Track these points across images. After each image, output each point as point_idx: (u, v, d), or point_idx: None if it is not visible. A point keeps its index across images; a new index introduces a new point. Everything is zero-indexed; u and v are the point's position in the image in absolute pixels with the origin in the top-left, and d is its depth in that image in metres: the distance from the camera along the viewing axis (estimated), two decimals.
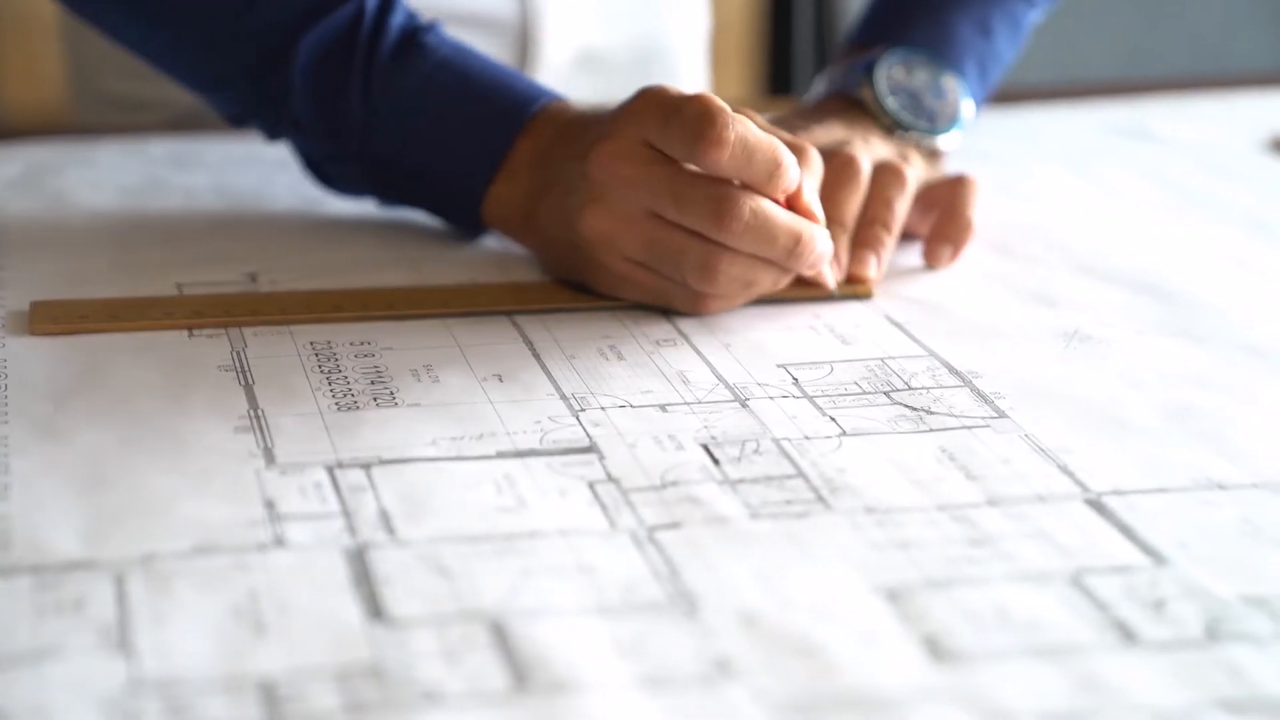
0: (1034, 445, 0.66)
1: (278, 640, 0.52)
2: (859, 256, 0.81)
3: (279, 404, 0.68)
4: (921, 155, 0.89)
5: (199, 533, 0.58)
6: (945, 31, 0.92)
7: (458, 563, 0.57)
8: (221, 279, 0.81)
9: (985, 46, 0.93)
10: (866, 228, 0.82)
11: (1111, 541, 0.59)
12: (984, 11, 0.93)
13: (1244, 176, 1.01)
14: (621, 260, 0.75)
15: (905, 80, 0.89)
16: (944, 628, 0.54)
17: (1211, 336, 0.77)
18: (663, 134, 0.72)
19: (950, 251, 0.84)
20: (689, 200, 0.72)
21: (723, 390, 0.70)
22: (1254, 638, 0.53)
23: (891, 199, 0.83)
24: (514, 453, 0.64)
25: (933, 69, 0.90)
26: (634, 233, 0.74)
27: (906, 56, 0.90)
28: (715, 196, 0.72)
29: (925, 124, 0.89)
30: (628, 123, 0.74)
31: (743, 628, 0.54)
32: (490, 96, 0.81)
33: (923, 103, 0.89)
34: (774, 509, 0.61)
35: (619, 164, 0.73)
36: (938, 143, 0.89)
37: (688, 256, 0.73)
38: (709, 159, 0.71)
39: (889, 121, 0.88)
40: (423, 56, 0.82)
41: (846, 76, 0.90)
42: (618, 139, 0.74)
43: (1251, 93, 1.16)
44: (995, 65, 0.94)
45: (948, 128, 0.89)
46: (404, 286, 0.79)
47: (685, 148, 0.71)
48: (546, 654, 0.52)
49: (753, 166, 0.71)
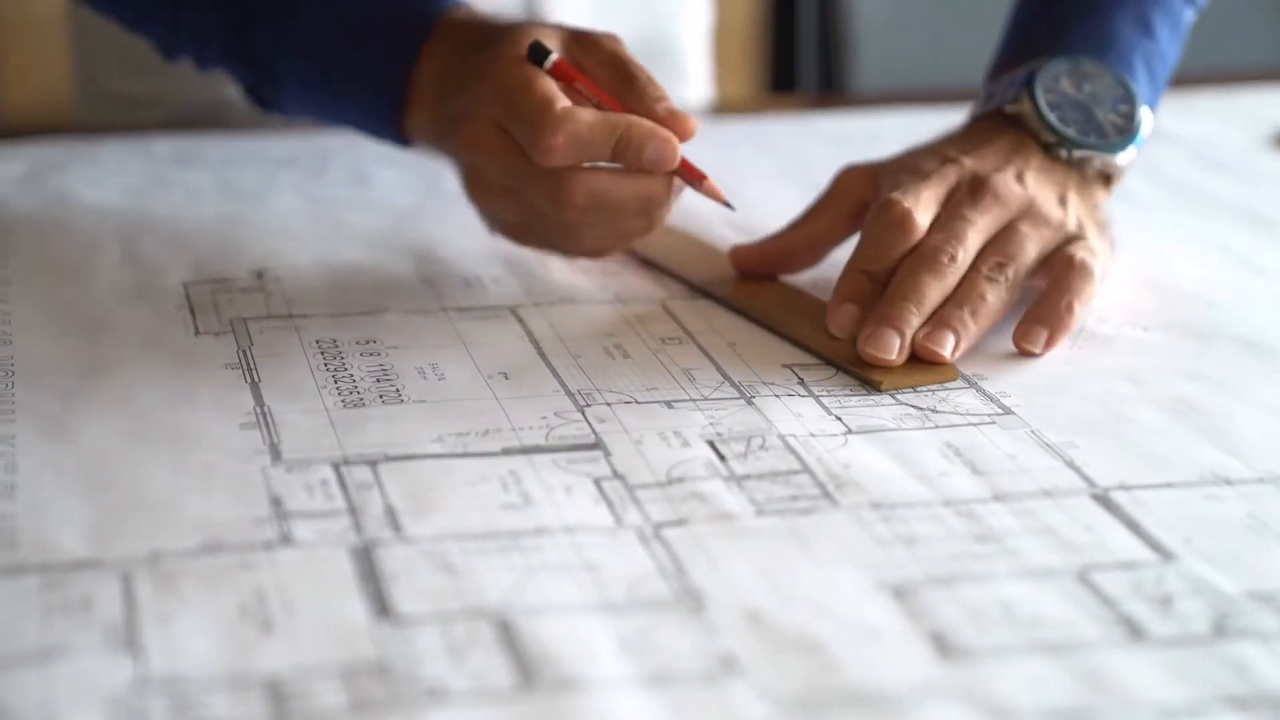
0: (1040, 441, 0.66)
1: (284, 638, 0.52)
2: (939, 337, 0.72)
3: (285, 401, 0.68)
4: (1091, 177, 0.80)
5: (205, 531, 0.58)
6: (1107, 33, 0.83)
7: (463, 560, 0.57)
8: (226, 276, 0.81)
9: (1151, 46, 0.84)
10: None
11: (1118, 537, 0.59)
12: (1143, 9, 0.84)
13: (1244, 172, 1.01)
14: (508, 224, 0.77)
15: (1072, 91, 0.80)
16: (949, 624, 0.54)
17: (1215, 333, 0.77)
18: (507, 122, 0.73)
19: (1045, 338, 0.74)
20: (529, 185, 0.74)
21: (728, 388, 0.70)
22: (1261, 634, 0.53)
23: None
24: (519, 449, 0.64)
25: (1104, 76, 0.81)
26: (507, 203, 0.76)
27: (1072, 65, 0.81)
28: (551, 183, 0.73)
29: (1095, 140, 0.79)
30: (478, 106, 0.75)
31: (748, 625, 0.54)
32: (385, 26, 0.80)
33: (1093, 116, 0.80)
34: (780, 505, 0.61)
35: (475, 147, 0.75)
36: (1114, 160, 0.80)
37: (551, 231, 0.76)
38: (545, 162, 0.72)
39: (1052, 138, 0.79)
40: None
41: (1004, 89, 0.82)
42: (473, 123, 0.75)
43: (1251, 89, 1.16)
44: (1163, 67, 0.85)
45: (1123, 144, 0.80)
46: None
47: (524, 145, 0.73)
48: (552, 651, 0.52)
49: (591, 150, 0.72)
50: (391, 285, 0.80)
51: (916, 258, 0.74)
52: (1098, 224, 0.79)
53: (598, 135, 0.72)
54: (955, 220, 0.75)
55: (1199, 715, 0.50)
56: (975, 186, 0.77)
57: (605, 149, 0.72)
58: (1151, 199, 0.96)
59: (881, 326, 0.72)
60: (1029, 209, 0.77)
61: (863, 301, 0.73)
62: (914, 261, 0.74)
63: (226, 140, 1.02)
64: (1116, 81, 0.81)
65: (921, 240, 0.74)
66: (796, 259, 0.81)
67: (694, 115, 0.75)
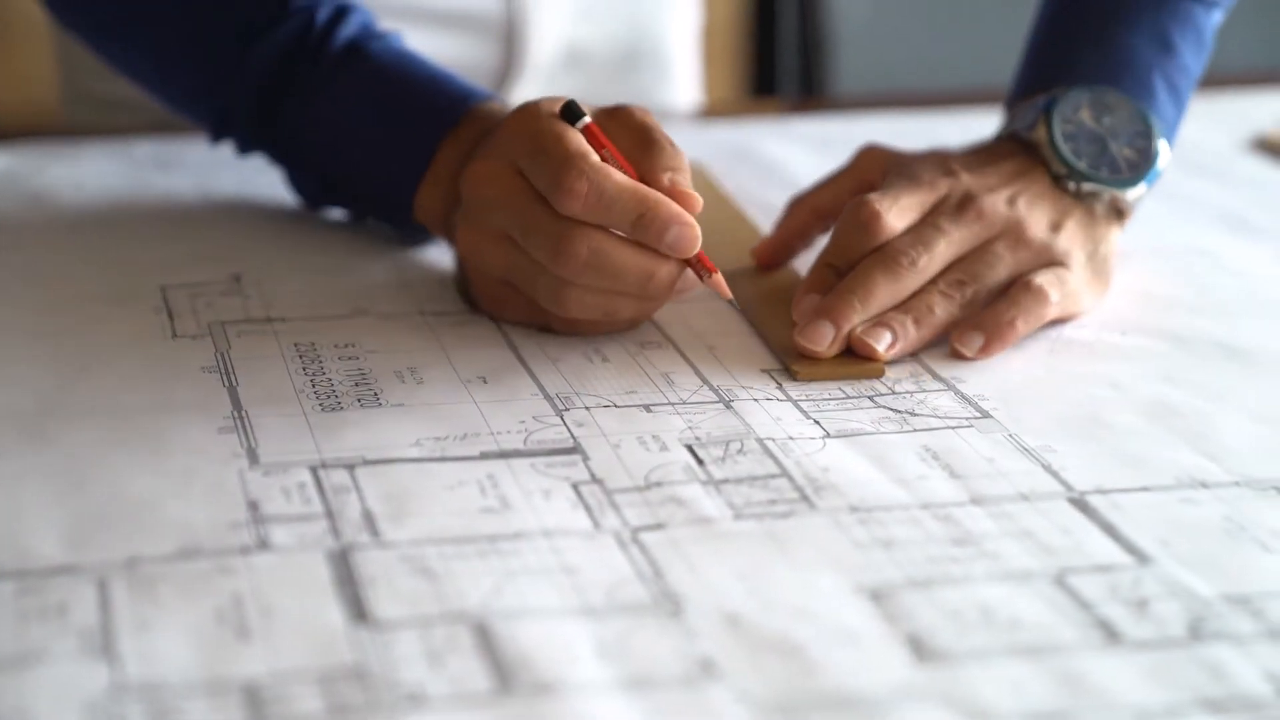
0: (1018, 444, 0.66)
1: (261, 644, 0.52)
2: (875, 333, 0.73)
3: (263, 405, 0.68)
4: (1100, 212, 0.79)
5: (182, 535, 0.58)
6: (1124, 55, 0.82)
7: (441, 564, 0.57)
8: (205, 279, 0.81)
9: (1171, 62, 0.83)
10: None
11: (1095, 540, 0.59)
12: (1158, 23, 0.83)
13: (1226, 176, 1.01)
14: (491, 279, 0.75)
15: (1090, 123, 0.80)
16: (927, 627, 0.54)
17: (1194, 337, 0.77)
18: (530, 166, 0.71)
19: (980, 344, 0.74)
20: (534, 232, 0.71)
21: (707, 392, 0.70)
22: (1236, 637, 0.54)
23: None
24: (498, 453, 0.64)
25: (1124, 109, 0.80)
26: (497, 253, 0.73)
27: (1094, 95, 0.81)
28: (556, 232, 0.70)
29: (1106, 174, 0.79)
30: (503, 144, 0.73)
31: (726, 628, 0.54)
32: (419, 101, 0.81)
33: (1108, 149, 0.79)
34: (758, 509, 0.61)
35: (485, 185, 0.73)
36: (1124, 196, 0.79)
37: (540, 284, 0.72)
38: (563, 207, 0.70)
39: (1062, 170, 0.79)
40: (362, 64, 0.82)
41: (1024, 114, 0.81)
42: (489, 159, 0.73)
43: (1233, 92, 1.17)
44: (1185, 80, 0.84)
45: (1134, 180, 0.79)
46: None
47: (546, 189, 0.71)
48: (530, 655, 0.52)
49: (612, 215, 0.70)
50: (370, 289, 0.80)
51: (875, 256, 0.74)
52: (1091, 257, 0.79)
53: (624, 200, 0.70)
54: (928, 228, 0.75)
55: (1175, 717, 0.50)
56: (962, 201, 0.77)
57: (627, 218, 0.70)
58: None
59: (819, 318, 0.73)
60: (1011, 230, 0.76)
61: (825, 293, 0.74)
62: (872, 260, 0.74)
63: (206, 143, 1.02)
64: (1136, 114, 0.81)
65: (888, 241, 0.75)
66: (805, 233, 0.83)
67: (680, 119, 0.75)
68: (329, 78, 0.82)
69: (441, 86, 0.81)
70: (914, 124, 1.10)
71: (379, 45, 0.83)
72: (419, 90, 0.81)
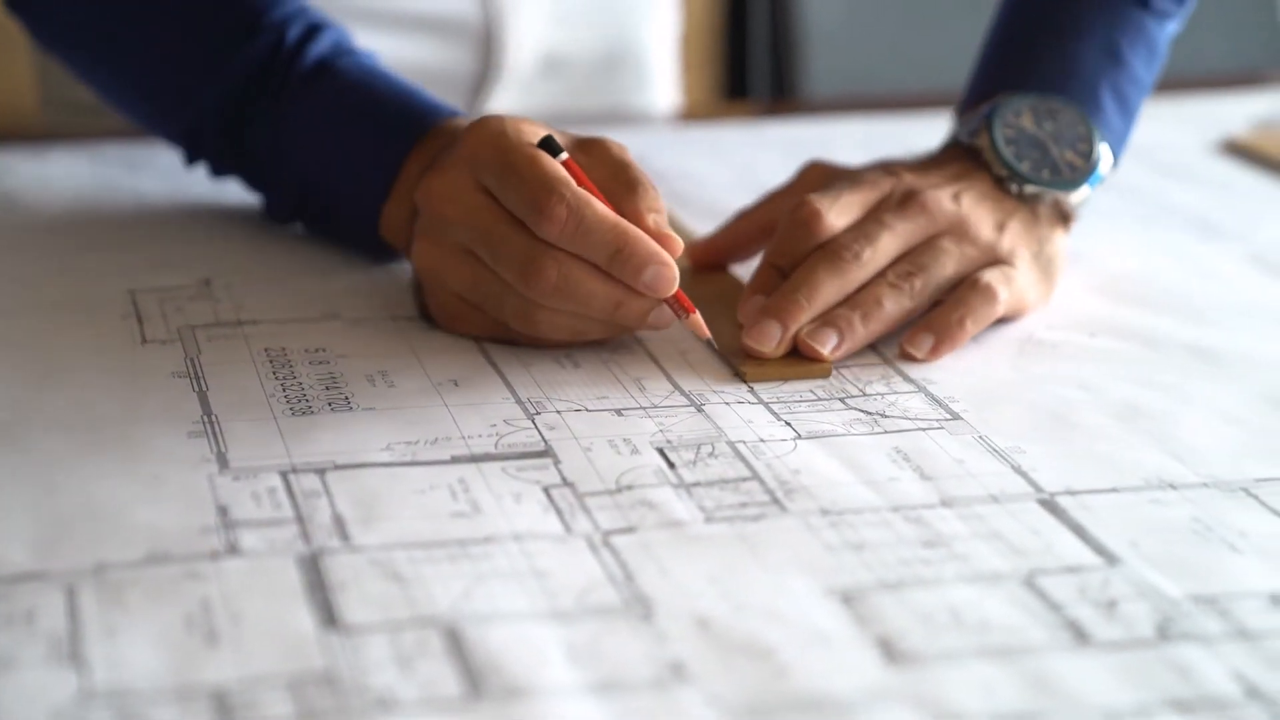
0: (988, 446, 0.66)
1: (230, 649, 0.52)
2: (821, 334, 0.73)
3: (233, 409, 0.68)
4: (1044, 214, 0.80)
5: (151, 541, 0.58)
6: (1071, 65, 0.83)
7: (412, 568, 0.57)
8: (174, 283, 0.80)
9: (1120, 73, 0.84)
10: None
11: (1064, 542, 0.60)
12: (1108, 35, 0.84)
13: (1194, 178, 1.01)
14: (450, 295, 0.74)
15: (1032, 128, 0.80)
16: (897, 629, 0.54)
17: (1162, 338, 0.77)
18: (500, 187, 0.70)
19: (931, 346, 0.74)
20: (502, 252, 0.70)
21: (679, 396, 0.70)
22: (1204, 637, 0.54)
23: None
24: (469, 457, 0.64)
25: (1067, 114, 0.81)
26: (459, 270, 0.72)
27: (1037, 101, 0.81)
28: (525, 254, 0.69)
29: (1048, 177, 0.80)
30: (463, 159, 0.72)
31: (697, 631, 0.54)
32: (383, 118, 0.80)
33: (1049, 153, 0.80)
34: (729, 512, 0.61)
35: (446, 201, 0.72)
36: (1066, 198, 0.80)
37: (506, 302, 0.71)
38: (540, 230, 0.69)
39: (1004, 172, 0.79)
40: (329, 81, 0.82)
41: (968, 122, 0.82)
42: (448, 174, 0.72)
43: (1201, 95, 1.17)
44: (1135, 91, 0.84)
45: (1076, 182, 0.80)
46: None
47: (523, 212, 0.69)
48: (500, 659, 0.52)
49: (589, 247, 0.69)
50: (341, 293, 0.80)
51: (819, 253, 0.75)
52: (1036, 256, 0.79)
53: (603, 232, 0.69)
54: (871, 223, 0.76)
55: (1143, 717, 0.50)
56: (906, 198, 0.77)
57: (604, 250, 0.69)
58: (1101, 204, 0.96)
59: (766, 318, 0.73)
60: (957, 226, 0.77)
61: (771, 293, 0.74)
62: (815, 256, 0.74)
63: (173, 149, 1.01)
64: (1078, 119, 0.81)
65: (832, 237, 0.75)
66: (747, 245, 0.82)
67: (653, 123, 0.75)
68: (296, 96, 0.82)
69: (407, 102, 0.81)
70: (885, 126, 1.10)
71: (347, 62, 0.83)
72: (384, 107, 0.80)
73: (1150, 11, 0.85)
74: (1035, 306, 0.79)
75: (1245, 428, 0.68)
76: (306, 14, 0.84)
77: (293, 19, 0.83)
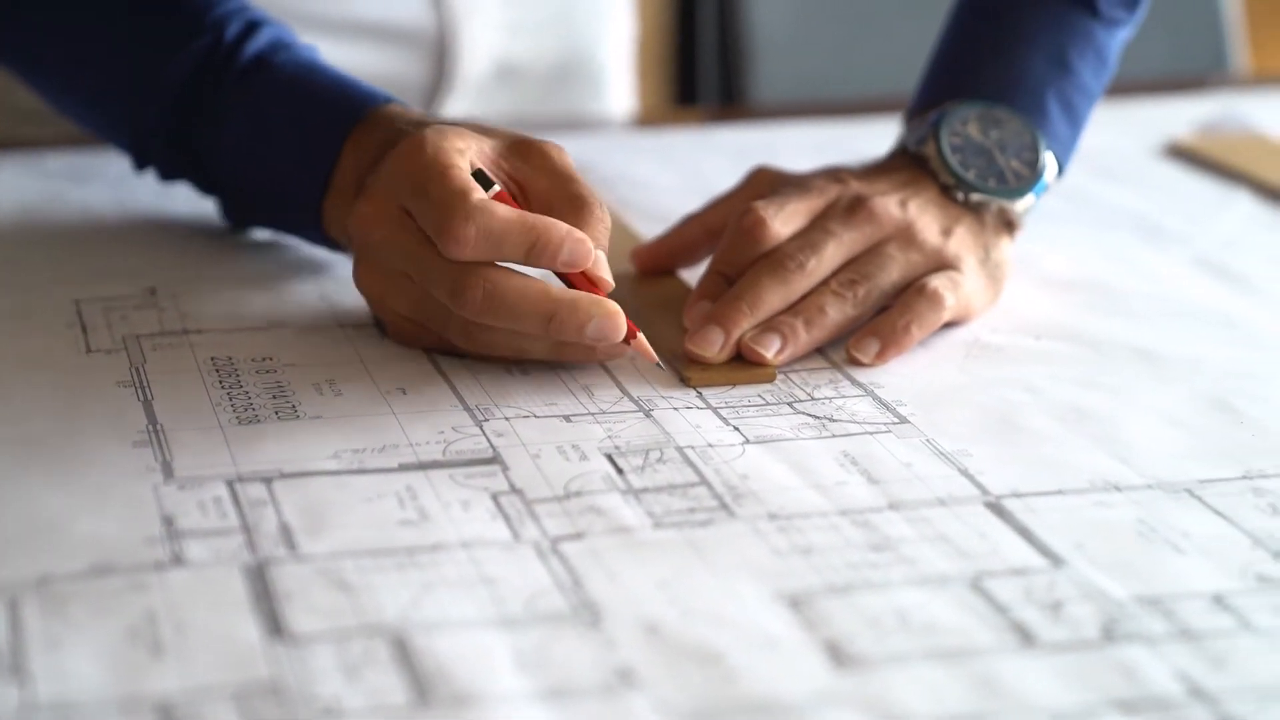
0: (935, 449, 0.67)
1: (175, 660, 0.52)
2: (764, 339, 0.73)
3: (178, 418, 0.67)
4: (990, 222, 0.80)
5: (95, 552, 0.57)
6: (1018, 73, 0.83)
7: (359, 577, 0.56)
8: (119, 293, 0.80)
9: (1067, 81, 0.84)
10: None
11: (1010, 544, 0.60)
12: (1056, 43, 0.84)
13: (1137, 181, 1.02)
14: (398, 316, 0.73)
15: (978, 136, 0.81)
16: (845, 633, 0.54)
17: (1107, 340, 0.78)
18: (415, 209, 0.70)
19: (876, 351, 0.74)
20: (429, 274, 0.70)
21: (627, 402, 0.70)
22: (1148, 638, 0.54)
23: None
24: (416, 465, 0.64)
25: (1013, 123, 0.82)
26: (400, 293, 0.72)
27: (983, 109, 0.82)
28: (450, 275, 0.69)
29: (994, 185, 0.80)
30: (385, 185, 0.72)
31: (645, 637, 0.54)
32: (317, 109, 0.79)
33: (994, 161, 0.80)
34: (677, 518, 0.61)
35: (373, 227, 0.72)
36: (1012, 207, 0.80)
37: (449, 322, 0.71)
38: (452, 254, 0.68)
39: (950, 180, 0.80)
40: (266, 77, 0.81)
41: (915, 130, 0.83)
42: (374, 200, 0.72)
43: (1144, 99, 1.18)
44: (1083, 99, 0.85)
45: (1021, 191, 0.81)
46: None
47: (432, 234, 0.69)
48: (448, 667, 0.52)
49: (504, 251, 0.69)
50: (288, 301, 0.80)
51: (763, 261, 0.75)
52: (982, 262, 0.79)
53: (513, 233, 0.68)
54: (817, 231, 0.76)
55: (1088, 718, 0.50)
56: (853, 204, 0.77)
57: (519, 249, 0.69)
58: (1047, 208, 0.97)
59: (709, 324, 0.73)
60: (904, 232, 0.77)
61: (717, 299, 0.74)
62: (760, 265, 0.75)
63: (122, 156, 1.01)
64: (1024, 128, 0.82)
65: (777, 246, 0.75)
66: (693, 249, 0.82)
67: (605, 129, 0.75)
68: (235, 95, 0.81)
69: (340, 92, 0.80)
70: (831, 132, 1.11)
71: (285, 57, 0.82)
72: (318, 99, 0.80)
73: (1099, 19, 0.86)
74: (982, 311, 0.80)
75: (1188, 429, 0.69)
76: (246, 11, 0.83)
77: (231, 17, 0.83)
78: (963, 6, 0.88)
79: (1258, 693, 0.52)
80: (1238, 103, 1.17)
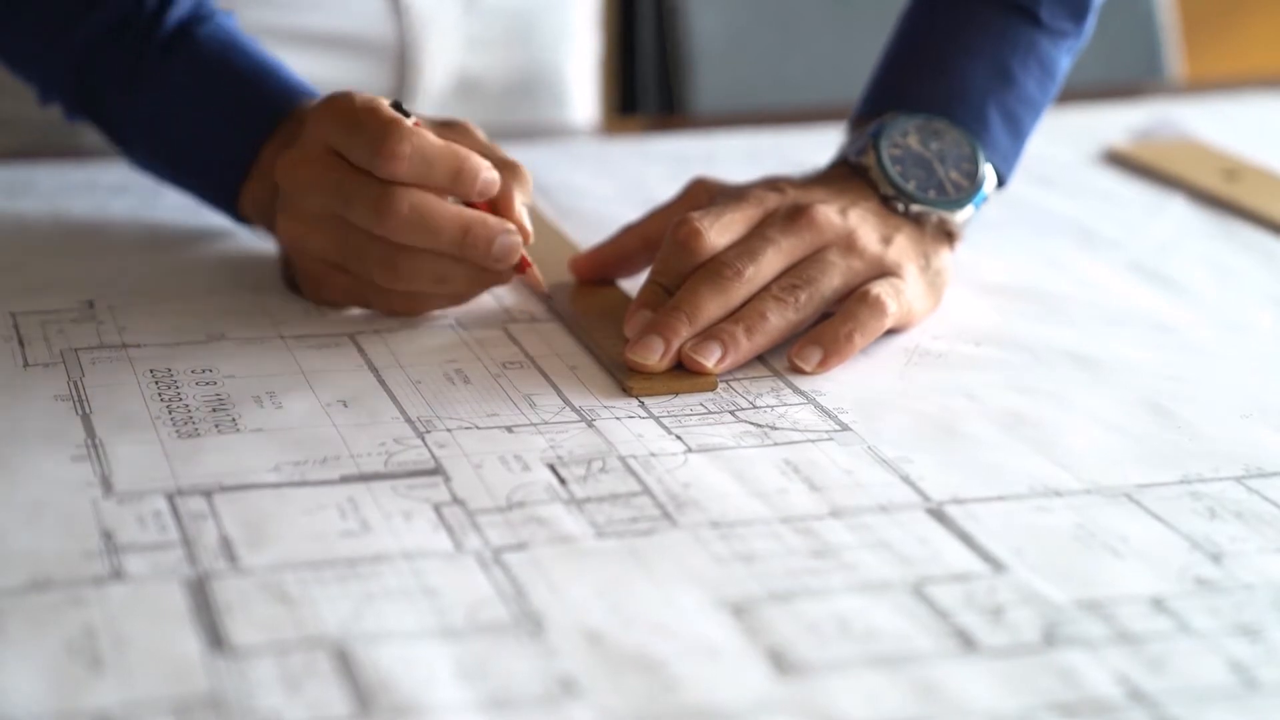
0: (876, 456, 0.67)
1: (114, 675, 0.51)
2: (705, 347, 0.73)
3: (117, 432, 0.67)
4: (929, 232, 0.81)
5: (33, 567, 0.57)
6: (959, 85, 0.84)
7: (300, 589, 0.56)
8: (57, 307, 0.79)
9: (1008, 92, 0.84)
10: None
11: (951, 550, 0.60)
12: (999, 54, 0.84)
13: (1075, 188, 1.03)
14: (316, 262, 0.77)
15: (918, 148, 0.81)
16: (787, 640, 0.54)
17: (1045, 346, 0.78)
18: (346, 143, 0.74)
19: (819, 359, 0.75)
20: (355, 199, 0.74)
21: (569, 412, 0.70)
22: (1088, 642, 0.55)
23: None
24: (358, 476, 0.64)
25: (952, 134, 0.82)
26: (322, 234, 0.76)
27: (923, 121, 0.82)
28: (377, 194, 0.74)
29: (934, 196, 0.81)
30: (312, 129, 0.76)
31: (587, 646, 0.54)
32: (240, 102, 0.83)
33: (935, 173, 0.81)
34: (620, 527, 0.61)
35: (300, 169, 0.76)
36: (951, 218, 0.81)
37: (370, 253, 0.75)
38: (387, 170, 0.73)
39: (890, 191, 0.80)
40: (188, 52, 0.83)
41: (854, 141, 0.83)
42: (302, 145, 0.76)
43: (1081, 107, 1.19)
44: (1027, 110, 0.85)
45: (961, 201, 0.81)
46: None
47: (367, 159, 0.74)
48: (389, 679, 0.52)
49: (433, 173, 0.74)
50: (228, 313, 0.79)
51: (702, 271, 0.75)
52: (923, 270, 0.80)
53: (443, 159, 0.74)
54: (755, 239, 0.76)
55: None
56: (793, 213, 0.78)
57: (446, 176, 0.74)
58: (985, 215, 0.98)
59: (648, 333, 0.73)
60: (844, 239, 0.78)
61: (657, 308, 0.75)
62: (699, 274, 0.75)
63: (58, 169, 1.00)
64: (963, 140, 0.82)
65: (716, 255, 0.76)
66: (631, 260, 0.83)
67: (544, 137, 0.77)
68: (155, 64, 0.83)
69: (264, 84, 0.83)
70: (768, 140, 1.11)
71: (206, 30, 0.84)
72: (241, 90, 0.83)
73: (1043, 30, 0.86)
74: (923, 318, 0.80)
75: (1125, 434, 0.70)
76: None
77: None
78: (907, 17, 0.88)
79: (1196, 694, 0.52)
80: (1172, 109, 1.19)
